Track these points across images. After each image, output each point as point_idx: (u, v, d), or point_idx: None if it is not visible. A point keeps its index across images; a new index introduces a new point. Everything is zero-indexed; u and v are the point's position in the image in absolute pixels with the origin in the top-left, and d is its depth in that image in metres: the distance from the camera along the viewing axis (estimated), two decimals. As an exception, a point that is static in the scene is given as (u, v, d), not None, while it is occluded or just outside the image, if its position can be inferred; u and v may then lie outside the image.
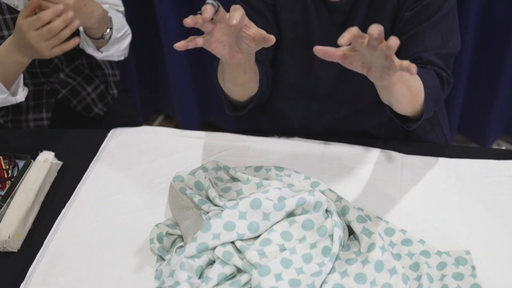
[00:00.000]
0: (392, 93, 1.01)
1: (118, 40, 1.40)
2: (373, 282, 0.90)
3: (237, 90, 1.16)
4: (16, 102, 1.29)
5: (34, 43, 1.12)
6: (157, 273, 0.94)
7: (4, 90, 1.24)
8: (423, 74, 1.08)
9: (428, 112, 1.09)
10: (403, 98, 1.03)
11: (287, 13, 1.19)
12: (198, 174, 1.08)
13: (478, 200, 1.07)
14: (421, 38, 1.12)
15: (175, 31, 2.07)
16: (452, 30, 1.14)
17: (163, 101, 2.47)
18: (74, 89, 1.51)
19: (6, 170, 1.18)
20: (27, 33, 1.11)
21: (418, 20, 1.12)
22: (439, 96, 1.13)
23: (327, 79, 1.24)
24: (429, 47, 1.12)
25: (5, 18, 1.28)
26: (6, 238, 1.03)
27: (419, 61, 1.13)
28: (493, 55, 1.94)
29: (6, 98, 1.26)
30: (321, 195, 0.99)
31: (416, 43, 1.13)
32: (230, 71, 1.09)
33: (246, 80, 1.12)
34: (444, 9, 1.11)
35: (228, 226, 0.94)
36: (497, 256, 0.97)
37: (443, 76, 1.13)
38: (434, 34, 1.12)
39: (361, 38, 0.84)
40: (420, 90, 1.06)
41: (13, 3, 1.27)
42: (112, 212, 1.11)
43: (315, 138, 1.24)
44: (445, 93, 1.15)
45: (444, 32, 1.12)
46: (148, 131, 1.32)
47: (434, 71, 1.12)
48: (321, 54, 0.87)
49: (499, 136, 2.24)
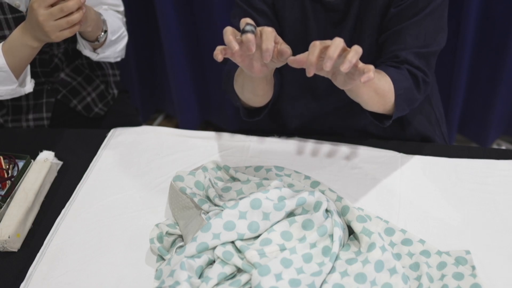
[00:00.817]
0: (358, 96, 1.03)
1: (113, 42, 1.40)
2: (373, 281, 0.90)
3: (256, 99, 1.16)
4: (24, 93, 1.29)
5: (43, 21, 1.11)
6: (157, 272, 0.94)
7: (14, 81, 1.24)
8: (394, 75, 1.08)
9: (400, 112, 1.11)
10: (370, 100, 1.05)
11: (286, 13, 1.19)
12: (198, 174, 1.09)
13: (478, 200, 1.07)
14: (402, 35, 1.12)
15: (175, 31, 2.07)
16: (437, 29, 1.13)
17: (163, 101, 2.47)
18: (74, 89, 1.51)
19: (6, 170, 1.18)
20: (37, 10, 1.10)
21: (404, 17, 1.11)
22: (412, 96, 1.13)
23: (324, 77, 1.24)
24: (408, 46, 1.12)
25: (7, 18, 1.28)
26: (6, 238, 1.03)
27: (395, 59, 1.13)
28: (493, 54, 1.94)
29: (15, 89, 1.27)
30: (321, 195, 0.99)
31: (397, 41, 1.13)
32: (252, 83, 1.09)
33: (266, 91, 1.13)
34: (430, 7, 1.10)
35: (228, 226, 0.94)
36: (497, 255, 0.97)
37: (419, 76, 1.12)
38: (417, 32, 1.11)
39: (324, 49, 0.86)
40: (389, 92, 1.07)
41: (15, 3, 1.27)
42: (112, 212, 1.11)
43: (315, 138, 1.24)
44: (421, 94, 1.15)
45: (429, 31, 1.12)
46: (148, 131, 1.32)
47: (408, 71, 1.12)
48: (295, 64, 0.89)
49: (499, 136, 2.24)
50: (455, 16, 1.82)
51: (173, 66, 2.16)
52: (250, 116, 1.23)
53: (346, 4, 1.15)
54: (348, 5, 1.15)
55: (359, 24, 1.16)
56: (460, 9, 1.82)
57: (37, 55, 1.38)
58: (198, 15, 2.08)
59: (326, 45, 0.86)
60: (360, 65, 0.86)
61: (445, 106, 1.91)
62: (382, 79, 1.06)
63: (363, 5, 1.14)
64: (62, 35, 1.14)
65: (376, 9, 1.14)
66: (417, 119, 1.30)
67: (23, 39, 1.19)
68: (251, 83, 1.09)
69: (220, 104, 2.30)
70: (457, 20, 1.85)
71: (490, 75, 1.99)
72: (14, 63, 1.22)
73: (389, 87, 1.07)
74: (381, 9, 1.14)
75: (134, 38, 2.11)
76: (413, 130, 1.30)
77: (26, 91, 1.30)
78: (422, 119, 1.32)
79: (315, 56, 0.86)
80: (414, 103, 1.15)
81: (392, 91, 1.07)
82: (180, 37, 2.10)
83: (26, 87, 1.29)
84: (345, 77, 0.91)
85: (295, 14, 1.19)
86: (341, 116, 1.30)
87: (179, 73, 2.18)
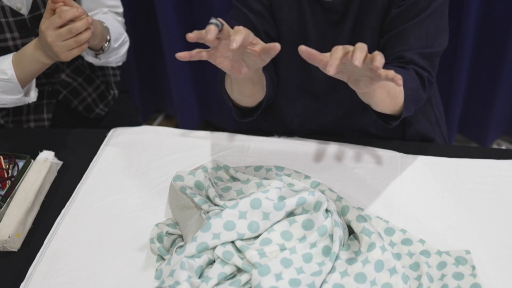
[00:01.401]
0: (371, 98, 1.03)
1: (116, 49, 1.41)
2: (373, 281, 0.90)
3: (245, 99, 1.17)
4: (28, 103, 1.30)
5: (51, 42, 1.12)
6: (157, 272, 0.94)
7: (20, 91, 1.25)
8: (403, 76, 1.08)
9: (407, 112, 1.11)
10: (381, 102, 1.05)
11: (283, 13, 1.19)
12: (198, 173, 1.08)
13: (478, 200, 1.07)
14: (405, 36, 1.12)
15: (175, 31, 2.07)
16: (439, 29, 1.13)
17: (163, 101, 2.47)
18: (75, 90, 1.51)
19: (6, 169, 1.18)
20: (45, 31, 1.12)
21: (405, 18, 1.11)
22: (419, 96, 1.13)
23: (324, 77, 1.24)
24: (412, 46, 1.12)
25: (8, 21, 1.28)
26: (6, 238, 1.03)
27: (400, 60, 1.13)
28: (493, 54, 1.94)
29: (20, 98, 1.28)
30: (321, 194, 0.99)
31: (400, 42, 1.13)
32: (238, 84, 1.09)
33: (255, 91, 1.13)
34: (431, 8, 1.10)
35: (228, 226, 0.94)
36: (497, 255, 0.97)
37: (424, 76, 1.13)
38: (419, 33, 1.12)
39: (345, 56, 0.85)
40: (400, 93, 1.07)
41: (16, 6, 1.27)
42: (112, 211, 1.11)
43: (315, 137, 1.24)
44: (426, 93, 1.15)
45: (430, 31, 1.12)
46: (148, 130, 1.32)
47: (415, 72, 1.12)
48: (305, 55, 0.88)
49: (499, 136, 2.24)
50: (455, 16, 1.82)
51: (173, 66, 2.16)
52: (243, 116, 1.22)
53: (345, 5, 1.15)
54: (347, 5, 1.15)
55: (358, 24, 1.16)
56: (460, 9, 1.82)
57: None
58: (198, 15, 2.08)
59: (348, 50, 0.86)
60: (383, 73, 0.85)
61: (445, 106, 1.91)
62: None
63: (362, 5, 1.14)
64: (71, 55, 1.15)
65: (376, 9, 1.14)
66: (417, 119, 1.30)
67: (35, 54, 1.20)
68: (237, 84, 1.09)
69: (220, 104, 2.30)
70: (457, 20, 1.85)
71: (490, 75, 1.99)
72: (23, 76, 1.24)
73: (400, 89, 1.07)
74: (381, 10, 1.14)
75: (134, 38, 2.11)
76: (413, 130, 1.31)
77: (30, 101, 1.31)
78: (422, 119, 1.32)
79: (339, 58, 0.85)
80: (420, 103, 1.16)
81: (402, 92, 1.07)
82: (180, 37, 2.10)
83: (31, 97, 1.31)
84: (364, 81, 0.91)
85: (293, 15, 1.19)
86: (341, 116, 1.30)
87: (179, 73, 2.19)
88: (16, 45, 1.33)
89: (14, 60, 1.23)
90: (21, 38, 1.32)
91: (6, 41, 1.30)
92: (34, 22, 1.31)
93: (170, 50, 2.11)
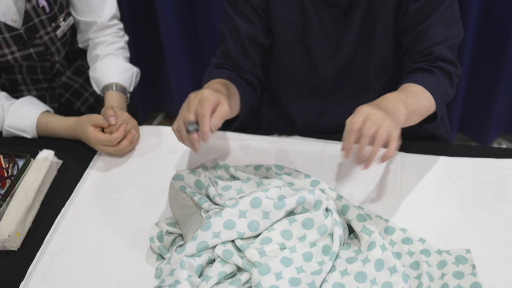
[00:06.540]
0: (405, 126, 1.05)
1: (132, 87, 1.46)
2: (373, 280, 0.90)
3: None
4: None
5: (94, 145, 1.21)
6: (157, 271, 0.94)
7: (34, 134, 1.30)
8: (432, 83, 1.10)
9: (440, 112, 1.14)
10: (416, 122, 1.10)
11: (282, 12, 1.18)
12: (198, 172, 1.08)
13: (478, 199, 1.07)
14: (431, 32, 1.12)
15: (175, 30, 2.07)
16: (456, 18, 1.14)
17: (163, 100, 2.46)
18: (76, 91, 1.51)
19: (6, 168, 1.18)
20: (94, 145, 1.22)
21: (425, 13, 1.11)
22: (448, 96, 1.15)
23: (329, 74, 1.24)
24: (438, 41, 1.12)
25: (5, 37, 1.29)
26: (6, 237, 1.03)
27: (428, 57, 1.13)
28: (493, 53, 1.94)
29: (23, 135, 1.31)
30: (321, 193, 0.99)
31: (426, 38, 1.13)
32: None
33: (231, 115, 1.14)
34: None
35: (228, 225, 0.94)
36: (497, 254, 0.97)
37: (452, 72, 1.14)
38: (441, 26, 1.12)
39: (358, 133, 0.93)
40: (431, 106, 1.09)
41: (11, 18, 1.28)
42: (112, 210, 1.11)
43: (317, 136, 1.24)
44: (454, 88, 1.17)
45: (451, 22, 1.13)
46: (148, 130, 1.32)
47: (442, 70, 1.13)
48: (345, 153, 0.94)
49: (499, 135, 2.24)
50: (456, 15, 1.82)
51: (173, 65, 2.16)
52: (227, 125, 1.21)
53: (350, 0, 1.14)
54: (353, 1, 1.14)
55: (367, 20, 1.15)
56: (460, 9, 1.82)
57: (39, 63, 1.40)
58: (198, 14, 2.07)
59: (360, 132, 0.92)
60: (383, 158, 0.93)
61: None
62: (423, 99, 1.08)
63: (372, 2, 1.13)
64: (106, 150, 1.22)
65: (387, 7, 1.13)
66: None
67: (65, 131, 1.27)
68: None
69: (220, 103, 2.29)
70: (457, 19, 1.84)
71: (490, 74, 1.99)
72: (45, 132, 1.29)
73: (430, 102, 1.09)
74: (393, 8, 1.13)
75: (134, 37, 2.11)
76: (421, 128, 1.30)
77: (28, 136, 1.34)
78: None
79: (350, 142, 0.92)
80: (449, 99, 1.18)
81: (433, 104, 1.10)
82: (180, 36, 2.09)
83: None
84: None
85: (294, 13, 1.18)
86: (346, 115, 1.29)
87: (179, 72, 2.18)
88: (15, 58, 1.34)
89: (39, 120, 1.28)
90: (19, 51, 1.34)
91: (5, 56, 1.32)
92: (29, 33, 1.32)
93: (170, 48, 2.11)
